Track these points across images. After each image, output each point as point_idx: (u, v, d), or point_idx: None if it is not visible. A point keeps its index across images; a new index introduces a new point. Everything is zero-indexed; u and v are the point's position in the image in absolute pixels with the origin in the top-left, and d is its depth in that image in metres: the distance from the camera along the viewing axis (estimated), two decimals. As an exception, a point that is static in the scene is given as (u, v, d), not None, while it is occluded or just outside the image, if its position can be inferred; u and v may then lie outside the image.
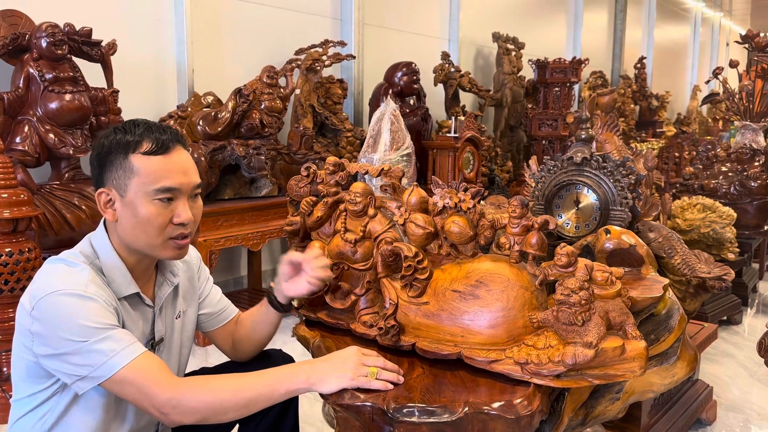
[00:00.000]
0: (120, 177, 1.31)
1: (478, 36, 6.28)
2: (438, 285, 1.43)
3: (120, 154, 1.31)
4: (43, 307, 1.22)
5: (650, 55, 9.97)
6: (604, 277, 1.33)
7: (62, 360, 1.23)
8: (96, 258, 1.34)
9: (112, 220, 1.34)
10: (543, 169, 2.09)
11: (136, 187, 1.30)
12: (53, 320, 1.22)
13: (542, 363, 1.26)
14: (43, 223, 2.80)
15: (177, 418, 1.23)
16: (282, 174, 3.90)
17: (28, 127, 2.87)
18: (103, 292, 1.29)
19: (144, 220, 1.31)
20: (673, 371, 1.60)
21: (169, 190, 1.31)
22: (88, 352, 1.21)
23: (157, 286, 1.45)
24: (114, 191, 1.32)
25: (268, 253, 4.45)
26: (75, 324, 1.21)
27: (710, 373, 2.96)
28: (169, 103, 3.77)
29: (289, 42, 4.34)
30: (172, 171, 1.32)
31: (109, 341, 1.23)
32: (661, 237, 2.08)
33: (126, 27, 3.54)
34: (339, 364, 1.29)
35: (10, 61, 2.96)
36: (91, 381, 1.23)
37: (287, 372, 1.30)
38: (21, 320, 1.28)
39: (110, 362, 1.22)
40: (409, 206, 1.52)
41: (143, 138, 1.31)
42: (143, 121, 1.36)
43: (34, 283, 1.28)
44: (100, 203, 1.34)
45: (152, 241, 1.33)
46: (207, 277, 1.64)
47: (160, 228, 1.32)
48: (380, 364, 1.31)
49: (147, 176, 1.30)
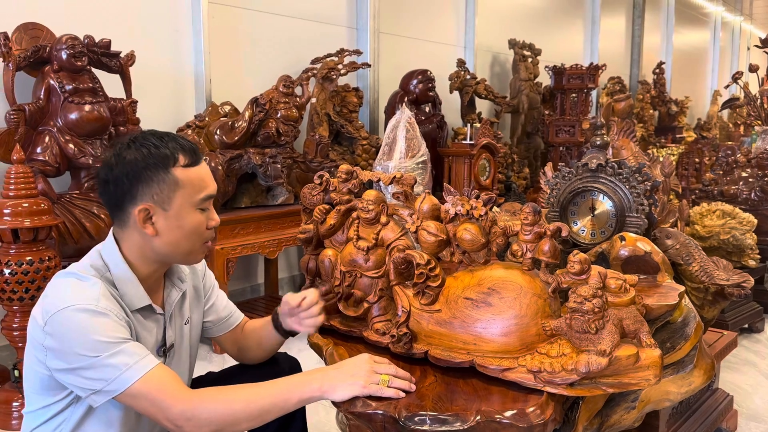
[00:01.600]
0: (163, 191, 1.32)
1: (494, 43, 6.27)
2: (450, 292, 1.43)
3: (159, 169, 1.31)
4: (56, 323, 1.23)
5: (669, 60, 9.88)
6: (617, 284, 1.32)
7: (76, 374, 1.24)
8: (107, 271, 1.35)
9: (152, 235, 1.34)
10: (558, 175, 2.08)
11: (182, 198, 1.33)
12: (66, 336, 1.23)
13: (555, 371, 1.25)
14: (63, 232, 2.84)
15: (191, 430, 1.24)
16: (298, 182, 3.92)
17: (48, 138, 2.92)
18: (114, 305, 1.30)
19: (191, 229, 1.36)
20: (690, 380, 1.58)
21: (209, 198, 1.39)
22: (101, 366, 1.22)
23: (166, 293, 1.46)
24: (155, 206, 1.32)
25: (285, 261, 4.47)
26: (88, 339, 1.22)
27: (730, 381, 2.91)
28: (187, 113, 3.82)
29: (305, 51, 4.37)
30: (207, 179, 1.39)
31: (122, 355, 1.24)
32: (678, 244, 2.06)
33: (144, 38, 3.59)
34: (350, 371, 1.30)
35: (32, 72, 3.01)
36: (106, 395, 1.24)
37: (299, 380, 1.32)
38: (34, 334, 1.28)
39: (124, 376, 1.23)
40: (421, 214, 1.52)
41: (177, 151, 1.34)
42: (163, 134, 1.37)
43: (45, 297, 1.28)
44: (138, 220, 1.32)
45: (193, 247, 1.39)
46: (212, 284, 1.65)
47: (201, 234, 1.38)
48: (392, 371, 1.32)
49: (191, 187, 1.34)
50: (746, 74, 5.49)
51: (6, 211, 2.51)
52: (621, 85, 7.54)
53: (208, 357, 3.20)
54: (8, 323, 2.58)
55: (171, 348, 1.47)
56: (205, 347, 3.26)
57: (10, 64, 2.85)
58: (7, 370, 2.86)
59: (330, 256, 1.61)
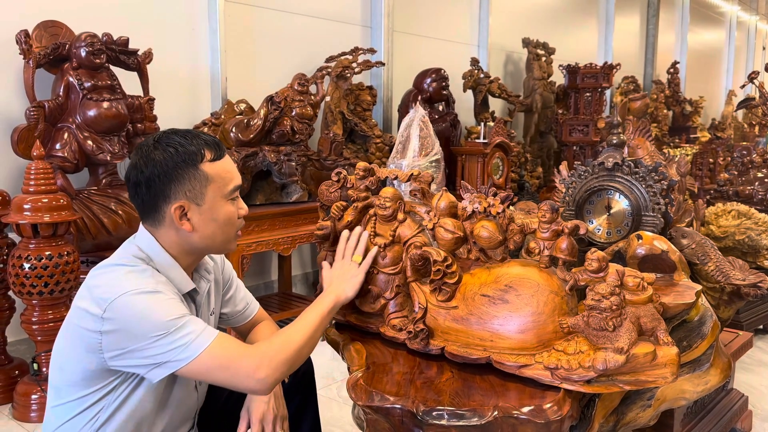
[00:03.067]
0: (194, 187, 1.35)
1: (507, 42, 6.27)
2: (467, 289, 1.43)
3: (189, 167, 1.35)
4: (117, 308, 1.26)
5: (684, 60, 9.82)
6: (635, 282, 1.32)
7: (140, 354, 1.27)
8: (150, 260, 1.38)
9: (189, 231, 1.37)
10: (574, 174, 2.08)
11: (213, 192, 1.38)
12: (130, 319, 1.26)
13: (572, 368, 1.25)
14: (81, 227, 2.88)
15: (272, 377, 1.31)
16: (312, 180, 3.94)
17: (67, 134, 2.96)
18: (168, 287, 1.35)
19: (225, 220, 1.41)
20: (706, 378, 1.58)
21: (238, 188, 1.43)
22: (167, 342, 1.26)
23: (196, 284, 1.49)
24: (189, 202, 1.36)
25: (299, 258, 4.50)
26: (153, 319, 1.26)
27: (745, 382, 2.90)
28: (203, 111, 3.85)
29: (320, 50, 4.39)
30: (233, 171, 1.43)
31: (187, 327, 1.28)
32: (694, 243, 2.05)
33: (161, 36, 3.62)
34: (342, 275, 1.53)
35: (51, 70, 3.05)
36: (170, 367, 1.27)
37: (321, 303, 1.47)
38: (85, 324, 1.29)
39: (193, 345, 1.27)
40: (438, 211, 1.53)
41: (202, 147, 1.37)
42: (186, 132, 1.40)
43: (96, 287, 1.30)
44: (174, 218, 1.36)
45: (228, 237, 1.44)
46: (231, 275, 1.67)
47: (234, 224, 1.43)
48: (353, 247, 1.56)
49: (221, 180, 1.39)
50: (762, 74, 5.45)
51: (26, 206, 2.54)
52: (635, 84, 7.50)
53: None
54: (27, 317, 2.62)
55: None
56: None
57: (30, 61, 2.89)
58: (25, 364, 2.90)
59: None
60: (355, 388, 1.34)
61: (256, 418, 1.47)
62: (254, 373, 1.29)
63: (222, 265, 1.64)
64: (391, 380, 1.37)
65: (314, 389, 1.67)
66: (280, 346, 1.34)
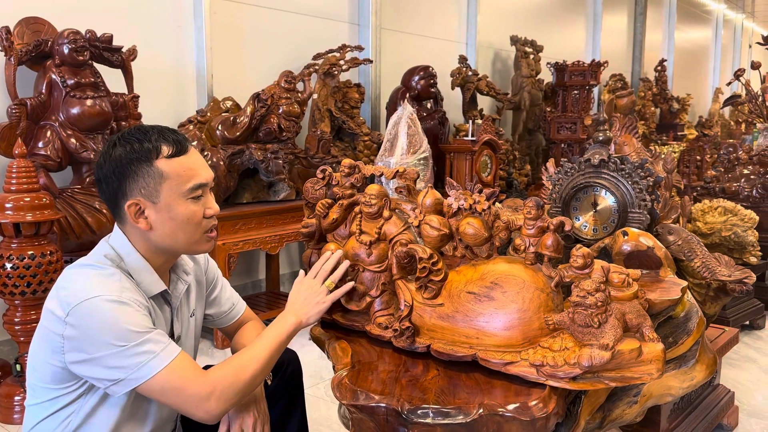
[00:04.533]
0: (148, 185, 1.32)
1: (495, 39, 6.27)
2: (453, 287, 1.43)
3: (143, 163, 1.32)
4: (80, 313, 1.23)
5: (671, 58, 9.87)
6: (620, 278, 1.32)
7: (98, 364, 1.24)
8: (121, 261, 1.36)
9: (146, 229, 1.34)
10: (560, 171, 2.08)
11: (169, 190, 1.33)
12: (92, 326, 1.23)
13: (558, 365, 1.25)
14: (65, 226, 2.84)
15: (219, 409, 1.29)
16: (300, 178, 3.92)
17: (50, 132, 2.92)
18: (136, 295, 1.31)
19: (183, 220, 1.35)
20: (692, 374, 1.58)
21: (200, 187, 1.37)
22: (126, 356, 1.23)
23: (172, 286, 1.47)
24: (144, 200, 1.33)
25: (286, 257, 4.48)
26: (115, 329, 1.23)
27: (732, 378, 2.92)
28: (189, 108, 3.81)
29: (307, 47, 4.37)
30: (196, 168, 1.37)
31: (148, 344, 1.25)
32: (680, 240, 2.06)
33: (146, 33, 3.58)
34: (306, 297, 1.49)
35: (34, 67, 3.01)
36: (129, 384, 1.25)
37: (280, 324, 1.44)
38: (50, 326, 1.27)
39: (150, 364, 1.24)
40: (424, 208, 1.52)
41: (160, 143, 1.33)
42: (149, 127, 1.37)
43: (62, 289, 1.28)
44: (130, 216, 1.33)
45: (191, 238, 1.38)
46: (215, 275, 1.65)
47: (197, 224, 1.37)
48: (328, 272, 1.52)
49: (177, 177, 1.33)
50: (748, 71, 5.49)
51: (8, 205, 2.51)
52: (623, 82, 7.53)
53: (209, 352, 3.21)
54: (10, 317, 2.58)
55: (178, 340, 1.48)
56: (208, 342, 3.26)
57: (11, 58, 2.85)
58: (8, 365, 2.86)
59: (332, 251, 1.61)
60: (339, 387, 1.33)
61: (236, 423, 1.43)
62: (203, 404, 1.27)
63: (206, 265, 1.61)
64: (376, 379, 1.36)
65: (302, 390, 1.66)
66: (234, 377, 1.31)
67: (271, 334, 1.41)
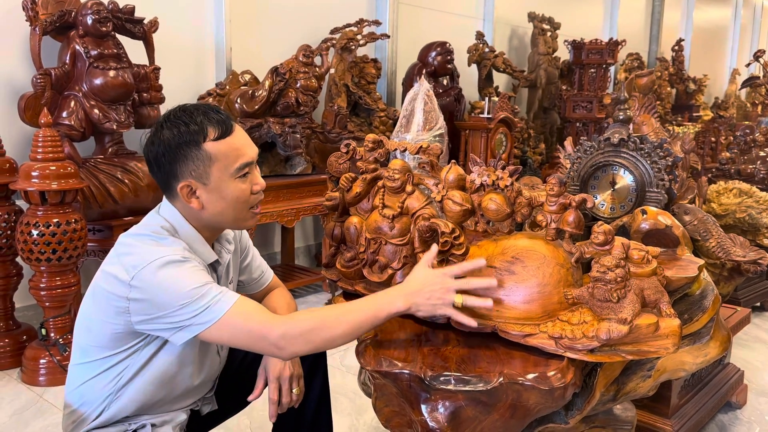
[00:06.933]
0: (198, 168, 1.36)
1: (513, 16, 6.21)
2: (474, 261, 1.46)
3: (192, 147, 1.35)
4: (145, 276, 1.29)
5: (689, 38, 9.73)
6: (640, 255, 1.35)
7: (163, 320, 1.30)
8: (176, 232, 1.41)
9: (199, 209, 1.39)
10: (579, 149, 2.10)
11: (218, 171, 1.37)
12: (157, 288, 1.29)
13: (576, 338, 1.29)
14: (88, 195, 2.90)
15: (293, 349, 1.31)
16: (316, 152, 3.95)
17: (74, 102, 2.96)
18: (195, 257, 1.37)
19: (234, 199, 1.40)
20: (706, 350, 1.62)
21: (247, 165, 1.41)
22: (191, 309, 1.29)
23: (218, 255, 1.51)
24: (195, 182, 1.37)
25: (301, 230, 4.52)
26: (177, 288, 1.28)
27: (742, 357, 2.95)
28: (208, 81, 3.84)
29: (325, 21, 4.36)
30: (242, 147, 1.40)
31: (210, 293, 1.30)
32: (696, 220, 2.08)
33: (167, 5, 3.60)
34: (436, 288, 1.34)
35: (57, 37, 3.04)
36: (195, 329, 1.30)
37: (387, 300, 1.35)
38: (113, 290, 1.32)
39: (215, 308, 1.29)
40: (446, 183, 1.55)
41: (206, 125, 1.36)
42: (194, 108, 1.40)
43: (126, 255, 1.33)
44: (183, 196, 1.38)
45: (241, 215, 1.43)
46: (247, 243, 1.70)
47: (246, 202, 1.42)
48: (465, 285, 1.35)
49: (225, 159, 1.37)
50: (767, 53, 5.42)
51: (34, 173, 2.56)
52: (639, 61, 7.46)
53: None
54: (36, 283, 2.65)
55: None
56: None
57: (36, 28, 2.88)
58: (33, 329, 2.95)
59: (355, 224, 1.65)
60: (363, 353, 1.38)
61: (273, 375, 1.50)
62: (276, 341, 1.29)
63: (239, 234, 1.66)
64: (398, 347, 1.40)
65: (324, 355, 1.71)
66: (311, 327, 1.31)
67: (371, 306, 1.34)
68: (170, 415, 1.48)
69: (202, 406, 1.59)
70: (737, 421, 2.44)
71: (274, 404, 1.51)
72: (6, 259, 2.79)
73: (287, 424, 1.64)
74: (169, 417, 1.48)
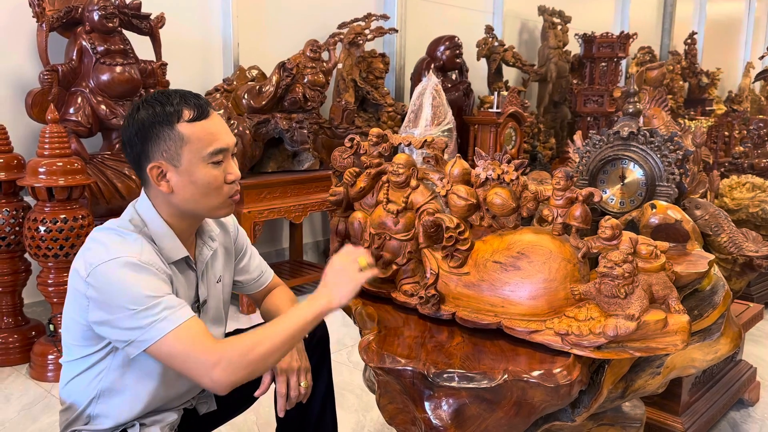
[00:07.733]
0: (170, 148, 1.33)
1: (523, 9, 6.16)
2: (479, 256, 1.44)
3: (165, 126, 1.33)
4: (99, 275, 1.26)
5: (701, 31, 9.61)
6: (648, 250, 1.32)
7: (113, 326, 1.27)
8: (144, 226, 1.38)
9: (168, 192, 1.36)
10: (588, 143, 2.07)
11: (190, 153, 1.34)
12: (109, 288, 1.26)
13: (583, 334, 1.26)
14: (95, 191, 2.90)
15: (228, 378, 1.25)
16: (324, 148, 3.94)
17: (80, 98, 2.96)
18: (155, 259, 1.33)
19: (204, 184, 1.36)
20: (716, 347, 1.58)
21: (221, 152, 1.36)
22: (138, 318, 1.25)
23: (198, 250, 1.49)
24: (165, 163, 1.34)
25: (309, 226, 4.52)
26: (130, 292, 1.25)
27: (754, 354, 2.91)
28: (215, 77, 3.83)
29: (333, 16, 4.35)
30: (218, 133, 1.37)
31: (160, 307, 1.26)
32: (707, 214, 2.05)
33: (174, 1, 3.59)
34: (341, 276, 1.39)
35: (64, 33, 3.05)
36: (139, 346, 1.26)
37: (308, 304, 1.36)
38: (75, 285, 1.31)
39: (158, 326, 1.25)
40: (451, 178, 1.53)
41: (182, 107, 1.34)
42: (172, 91, 1.38)
43: (87, 250, 1.31)
44: (152, 178, 1.35)
45: (213, 203, 1.38)
46: (244, 243, 1.67)
47: (218, 189, 1.37)
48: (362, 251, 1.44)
49: (198, 141, 1.34)
50: (782, 45, 5.34)
51: (41, 170, 2.57)
52: (651, 55, 7.38)
53: (235, 317, 3.27)
54: (43, 279, 2.66)
55: (204, 304, 1.51)
56: (233, 308, 3.33)
57: (43, 24, 2.89)
58: (42, 325, 2.96)
59: (360, 219, 1.63)
60: (367, 350, 1.36)
61: (281, 368, 1.47)
62: (208, 372, 1.24)
63: (235, 234, 1.64)
64: (402, 343, 1.39)
65: (328, 352, 1.70)
66: (245, 350, 1.26)
67: (297, 315, 1.34)
68: (161, 416, 1.46)
69: (197, 405, 1.57)
70: (749, 419, 2.40)
71: (283, 398, 1.48)
72: (14, 255, 2.79)
73: (292, 421, 1.62)
74: (160, 417, 1.45)
